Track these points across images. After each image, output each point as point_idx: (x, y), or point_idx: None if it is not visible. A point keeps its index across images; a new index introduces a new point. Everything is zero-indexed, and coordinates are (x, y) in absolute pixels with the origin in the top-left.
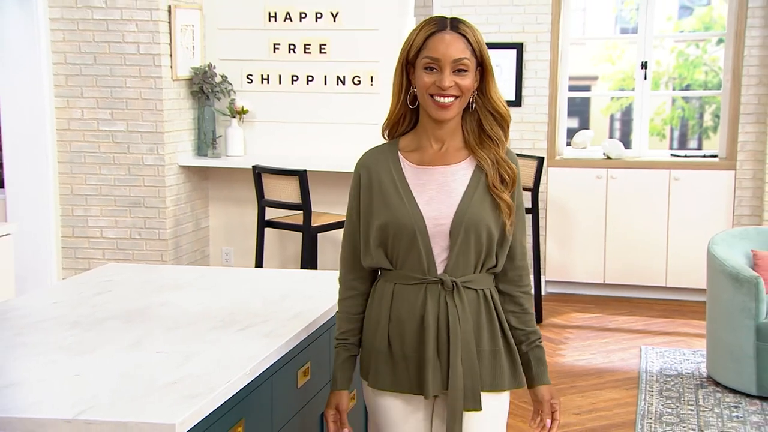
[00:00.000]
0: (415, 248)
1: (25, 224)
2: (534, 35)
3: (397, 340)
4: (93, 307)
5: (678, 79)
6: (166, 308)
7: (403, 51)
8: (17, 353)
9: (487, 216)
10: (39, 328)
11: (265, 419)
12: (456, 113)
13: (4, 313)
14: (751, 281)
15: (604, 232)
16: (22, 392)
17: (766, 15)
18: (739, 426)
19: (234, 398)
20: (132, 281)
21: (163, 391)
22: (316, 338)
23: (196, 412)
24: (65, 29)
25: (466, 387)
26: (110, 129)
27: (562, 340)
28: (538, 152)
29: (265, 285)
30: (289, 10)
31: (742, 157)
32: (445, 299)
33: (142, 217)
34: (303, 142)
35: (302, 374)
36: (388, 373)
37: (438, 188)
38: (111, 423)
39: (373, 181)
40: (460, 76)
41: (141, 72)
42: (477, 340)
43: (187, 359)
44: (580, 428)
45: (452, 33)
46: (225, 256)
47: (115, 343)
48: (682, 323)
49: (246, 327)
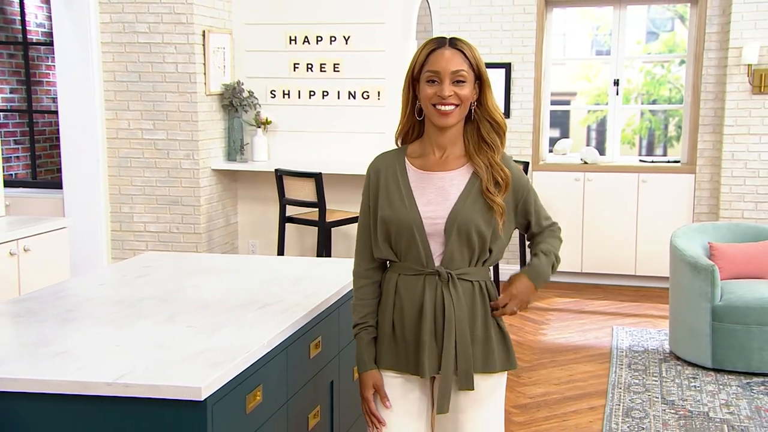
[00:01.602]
0: (414, 243)
1: (80, 220)
2: (520, 56)
3: (399, 325)
4: (134, 288)
5: (646, 94)
6: (197, 290)
7: (408, 69)
8: (68, 327)
9: (478, 217)
10: (87, 306)
11: (281, 385)
12: (456, 120)
13: (58, 292)
14: (708, 269)
15: (581, 228)
16: (71, 359)
17: (720, 39)
18: (696, 394)
19: (253, 366)
20: (167, 267)
21: (192, 360)
22: (327, 315)
23: (219, 378)
24: (114, 51)
25: (460, 369)
26: (152, 137)
27: (544, 321)
28: (524, 158)
29: (282, 270)
30: (307, 34)
31: (701, 162)
32: (441, 289)
33: (179, 214)
34: (319, 148)
35: (314, 347)
36: (391, 354)
37: (437, 191)
38: (146, 386)
39: (381, 182)
40: (458, 86)
41: (179, 88)
42: (471, 327)
43: (213, 333)
44: (559, 396)
45: (451, 49)
46: (251, 247)
47: (151, 319)
48: (648, 306)
49: (265, 306)
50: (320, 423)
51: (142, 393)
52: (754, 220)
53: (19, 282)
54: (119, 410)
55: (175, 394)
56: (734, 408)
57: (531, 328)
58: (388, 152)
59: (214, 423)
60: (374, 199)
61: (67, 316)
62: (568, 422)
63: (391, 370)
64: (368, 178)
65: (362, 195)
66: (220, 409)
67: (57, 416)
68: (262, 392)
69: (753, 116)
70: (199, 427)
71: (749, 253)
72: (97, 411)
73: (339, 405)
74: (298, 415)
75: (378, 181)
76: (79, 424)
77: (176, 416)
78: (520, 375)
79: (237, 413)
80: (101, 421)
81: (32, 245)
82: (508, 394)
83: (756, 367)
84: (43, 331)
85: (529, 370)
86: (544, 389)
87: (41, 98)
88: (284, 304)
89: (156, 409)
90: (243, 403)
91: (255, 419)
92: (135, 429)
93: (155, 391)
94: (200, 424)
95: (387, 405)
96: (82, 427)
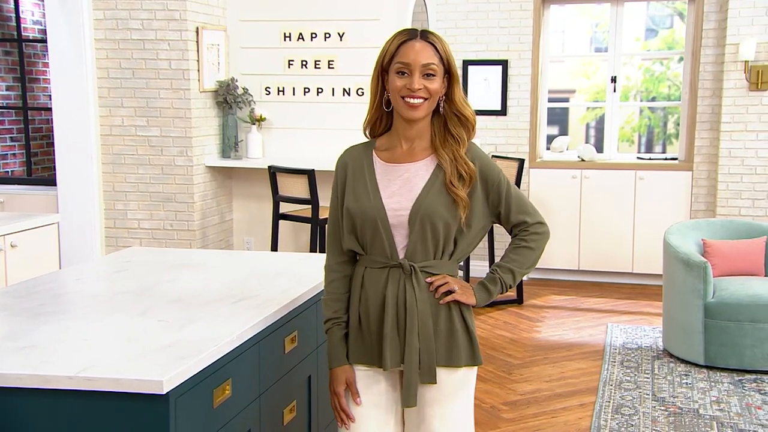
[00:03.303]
0: (378, 236)
1: (74, 217)
2: (517, 53)
3: (365, 318)
4: (111, 283)
5: (645, 92)
6: (173, 284)
7: (378, 59)
8: (38, 321)
9: (442, 209)
10: (60, 300)
11: (253, 380)
12: (425, 114)
13: (34, 287)
14: (700, 266)
15: (578, 225)
16: (36, 353)
17: (717, 36)
18: (687, 391)
19: (221, 360)
20: (148, 262)
21: (157, 354)
22: (303, 310)
23: (183, 371)
24: (108, 48)
25: (422, 362)
26: (146, 134)
27: (539, 318)
28: (520, 155)
29: (263, 266)
30: (301, 31)
31: (698, 159)
32: (404, 282)
33: (173, 211)
34: (314, 145)
35: (290, 341)
36: (359, 348)
37: (401, 183)
38: (107, 379)
39: (348, 175)
40: (428, 80)
41: (172, 85)
42: (434, 320)
43: (183, 326)
44: (549, 393)
45: (422, 42)
46: (246, 244)
47: (124, 313)
48: (645, 304)
49: (240, 300)
50: (296, 418)
51: (104, 386)
52: (751, 217)
53: (6, 278)
54: (82, 404)
55: (137, 388)
56: (725, 405)
57: (525, 325)
58: (356, 146)
59: (178, 417)
60: (342, 192)
61: (39, 310)
62: (556, 419)
63: (359, 363)
64: (336, 172)
65: (332, 189)
66: (185, 403)
67: (19, 410)
68: (232, 386)
69: (750, 113)
70: (161, 420)
71: (743, 249)
72: (61, 405)
73: (318, 400)
74: (272, 410)
75: (345, 174)
76: (42, 419)
77: (139, 410)
78: (511, 372)
79: (203, 407)
80: (64, 416)
81: (19, 241)
82: (498, 391)
83: (748, 364)
84: (13, 325)
85: (521, 367)
86: (534, 386)
87: (38, 95)
88: (259, 298)
89: (119, 403)
90: (210, 397)
91: (223, 413)
92: (98, 423)
93: (117, 385)
94: (162, 417)
95: (357, 402)
96: (44, 422)
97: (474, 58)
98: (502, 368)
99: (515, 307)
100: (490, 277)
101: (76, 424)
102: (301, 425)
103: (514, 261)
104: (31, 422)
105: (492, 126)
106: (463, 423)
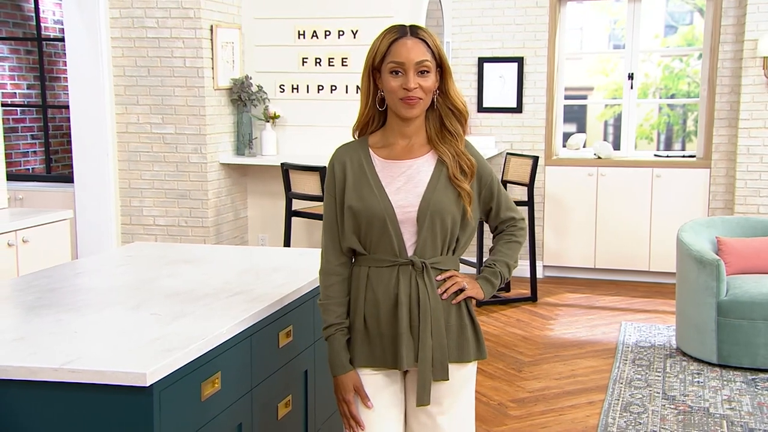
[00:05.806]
0: (386, 234)
1: (90, 213)
2: (533, 50)
3: (372, 320)
4: (110, 277)
5: (664, 89)
6: (171, 279)
7: (368, 58)
8: (32, 313)
9: (449, 203)
10: (57, 293)
11: (244, 373)
12: (421, 111)
13: (32, 281)
14: (713, 264)
15: (594, 223)
16: (25, 345)
17: (736, 32)
18: (699, 390)
19: (210, 353)
20: (150, 256)
21: (145, 346)
22: (300, 305)
23: (168, 364)
24: (124, 46)
25: (435, 359)
26: (161, 132)
27: (552, 316)
28: (536, 153)
29: (263, 261)
30: (315, 29)
31: (716, 156)
32: (416, 279)
33: (188, 208)
34: (328, 142)
35: (284, 336)
36: (366, 351)
37: (405, 180)
38: (91, 372)
39: (347, 174)
40: (423, 77)
41: (187, 83)
42: (446, 317)
43: (175, 320)
44: (558, 391)
45: (413, 38)
46: (261, 241)
47: (118, 306)
48: (660, 302)
49: (235, 294)
50: (292, 412)
51: (88, 379)
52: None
53: (18, 273)
54: (68, 397)
55: (121, 380)
56: (736, 404)
57: (538, 323)
58: (349, 143)
59: (162, 409)
60: (341, 191)
61: (35, 303)
62: (564, 416)
63: (367, 367)
64: (332, 171)
65: (325, 189)
66: (170, 396)
67: (7, 402)
68: (221, 379)
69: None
70: (145, 413)
71: (758, 247)
72: (48, 397)
73: (315, 395)
74: (265, 404)
75: (344, 172)
76: (29, 410)
77: (123, 402)
78: (521, 369)
79: (189, 400)
80: (51, 407)
81: (32, 237)
82: (507, 388)
83: (762, 363)
84: (7, 318)
85: (531, 364)
86: (544, 384)
87: (59, 94)
88: (254, 293)
89: (104, 396)
90: (197, 390)
91: (212, 407)
92: (84, 415)
93: (101, 377)
94: (146, 410)
95: (369, 405)
96: (32, 413)
97: (489, 55)
98: (512, 365)
99: (529, 304)
100: (491, 270)
101: (62, 415)
102: (297, 420)
103: (507, 255)
104: (19, 414)
105: (507, 123)
106: (468, 416)
